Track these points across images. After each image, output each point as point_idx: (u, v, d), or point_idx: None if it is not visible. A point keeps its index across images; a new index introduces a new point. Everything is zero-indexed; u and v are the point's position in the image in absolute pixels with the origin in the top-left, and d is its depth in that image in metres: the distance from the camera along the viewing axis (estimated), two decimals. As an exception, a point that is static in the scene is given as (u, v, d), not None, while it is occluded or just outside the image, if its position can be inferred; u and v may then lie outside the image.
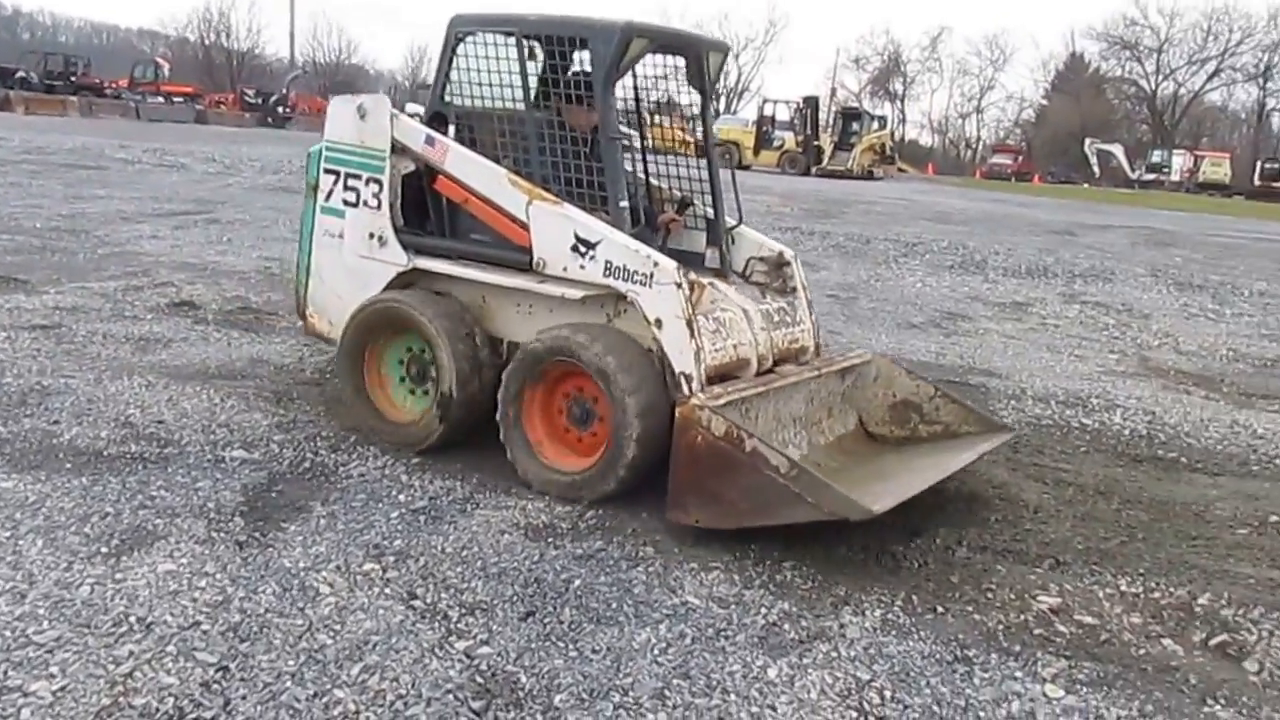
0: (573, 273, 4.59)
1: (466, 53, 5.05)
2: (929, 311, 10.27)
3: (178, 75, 54.56)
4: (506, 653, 3.16)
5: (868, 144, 40.21)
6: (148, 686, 2.85)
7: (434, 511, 4.22)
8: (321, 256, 5.42)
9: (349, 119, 5.18)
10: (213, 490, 4.28)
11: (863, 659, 3.30)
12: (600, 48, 4.71)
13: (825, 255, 14.10)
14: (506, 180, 4.76)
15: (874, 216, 20.50)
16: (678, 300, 4.36)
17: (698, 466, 4.06)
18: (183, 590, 3.40)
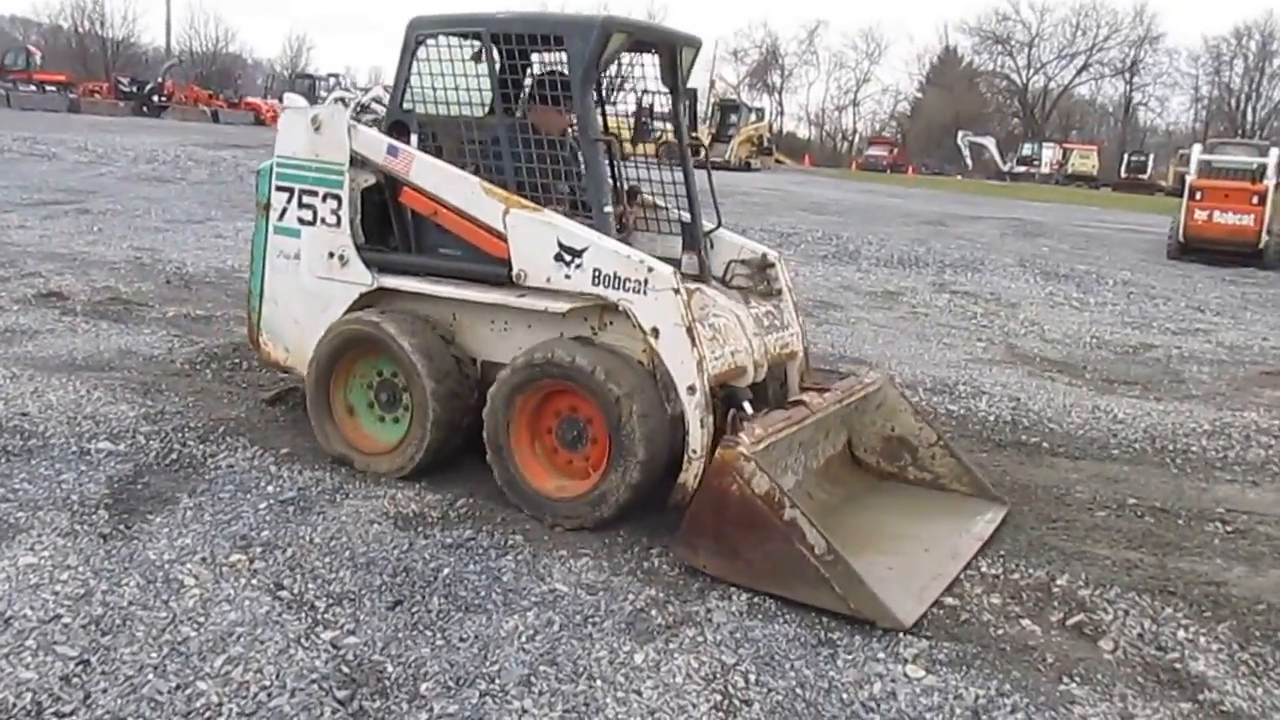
0: (557, 283, 4.31)
1: (428, 56, 4.82)
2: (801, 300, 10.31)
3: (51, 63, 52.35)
4: (373, 642, 3.20)
5: (745, 136, 40.72)
6: (4, 681, 2.82)
7: (303, 502, 4.21)
8: (276, 280, 5.03)
9: (302, 132, 4.84)
10: (77, 483, 4.22)
11: (728, 643, 3.38)
12: (578, 45, 4.47)
13: (705, 245, 14.27)
14: (480, 189, 4.50)
15: (750, 207, 20.79)
16: (676, 307, 4.11)
17: (724, 516, 3.82)
18: (44, 584, 3.36)
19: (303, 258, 4.90)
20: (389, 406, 4.75)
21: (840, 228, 17.61)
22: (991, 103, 74.32)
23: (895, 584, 3.87)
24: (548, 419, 4.40)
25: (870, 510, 4.71)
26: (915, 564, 4.14)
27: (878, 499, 4.85)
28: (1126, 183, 51.96)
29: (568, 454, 4.37)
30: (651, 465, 4.11)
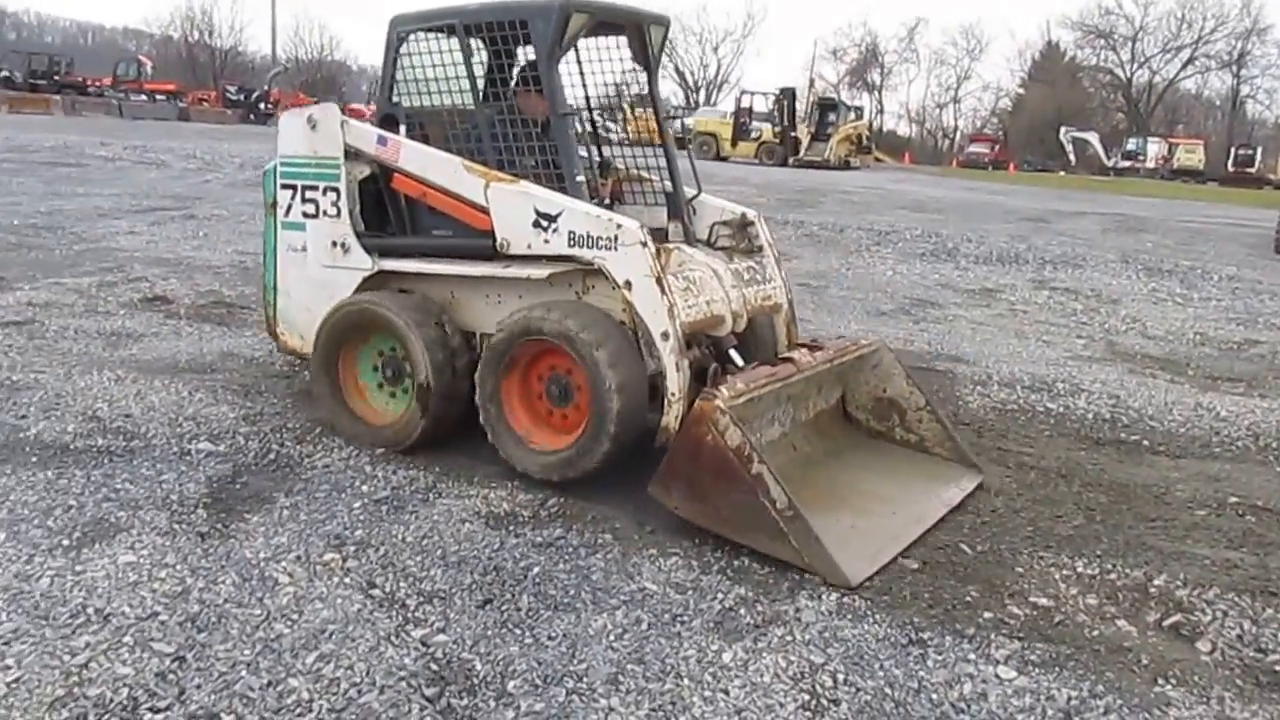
0: (536, 248, 4.58)
1: (410, 51, 5.13)
2: (899, 299, 10.33)
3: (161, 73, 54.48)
4: (462, 640, 3.20)
5: (844, 134, 40.29)
6: (103, 677, 2.88)
7: (396, 501, 4.25)
8: (287, 272, 5.38)
9: (300, 132, 5.17)
10: (177, 482, 4.31)
11: (817, 642, 3.33)
12: (541, 26, 4.74)
13: (798, 244, 14.15)
14: (462, 167, 4.77)
15: (849, 206, 20.57)
16: (645, 259, 4.36)
17: (697, 463, 4.02)
18: (142, 581, 3.44)
19: (309, 249, 5.22)
20: (394, 381, 5.00)
21: (939, 225, 17.30)
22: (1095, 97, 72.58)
23: (853, 543, 4.07)
24: (536, 379, 4.66)
25: (851, 467, 4.91)
26: (879, 524, 4.32)
27: (861, 456, 5.05)
28: (1234, 177, 50.23)
29: (556, 410, 4.62)
30: (628, 416, 4.31)
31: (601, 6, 5.05)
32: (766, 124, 40.97)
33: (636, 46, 5.29)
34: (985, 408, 6.35)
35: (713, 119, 45.37)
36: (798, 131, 40.44)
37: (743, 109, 42.06)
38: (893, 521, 4.37)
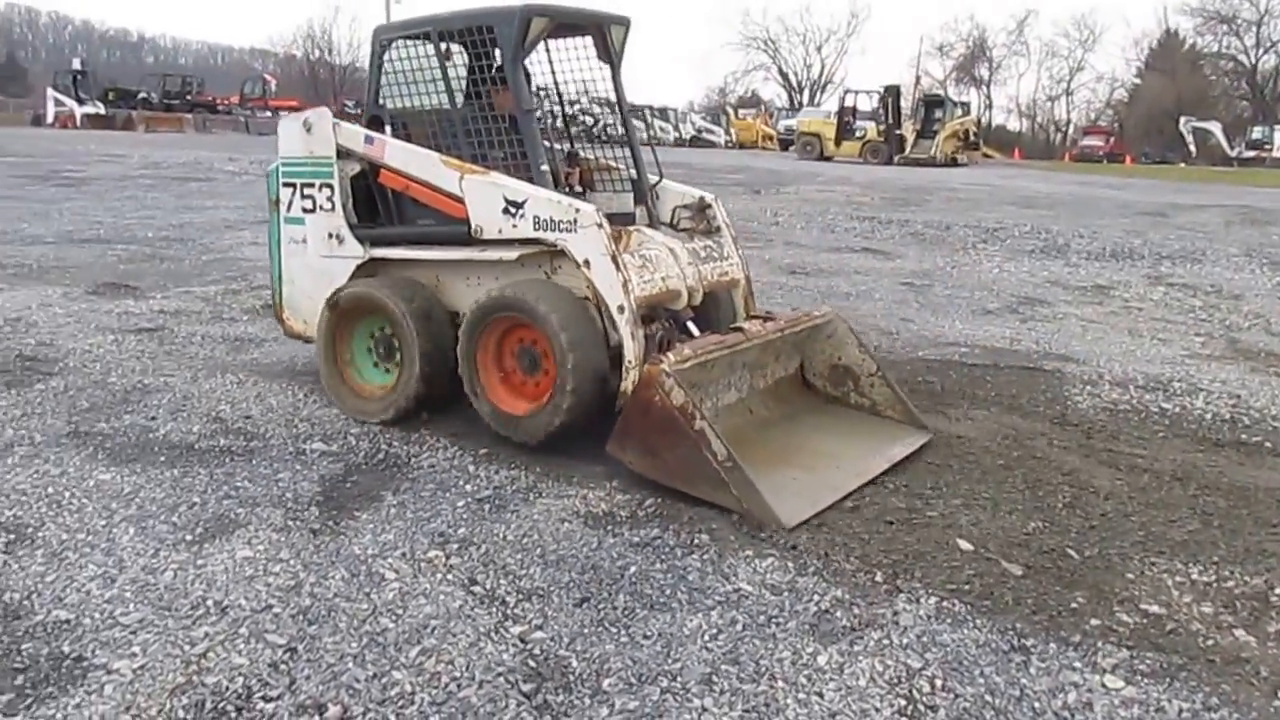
0: (506, 233, 5.03)
1: (392, 58, 5.59)
2: (1005, 297, 10.15)
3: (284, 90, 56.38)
4: (560, 637, 3.28)
5: (951, 131, 39.57)
6: (220, 666, 3.03)
7: (498, 500, 4.36)
8: (290, 263, 5.86)
9: (297, 134, 5.65)
10: (292, 481, 4.49)
11: (914, 647, 3.32)
12: (505, 30, 5.16)
13: (902, 243, 14.00)
14: (439, 161, 5.23)
15: (955, 203, 20.26)
16: (600, 239, 4.80)
17: (647, 421, 4.45)
18: (258, 575, 3.60)
19: (308, 241, 5.72)
20: (387, 358, 5.51)
21: (1049, 221, 16.93)
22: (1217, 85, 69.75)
23: (791, 492, 4.47)
24: (509, 352, 5.10)
25: (805, 428, 5.31)
26: (821, 477, 4.70)
27: (815, 419, 5.44)
28: (1368, 165, 47.92)
29: (529, 379, 5.06)
30: (586, 379, 4.74)
31: (561, 10, 5.43)
32: (871, 123, 40.50)
33: (600, 46, 5.69)
34: (1095, 408, 6.21)
35: (816, 119, 45.11)
36: (903, 129, 39.87)
37: (846, 108, 41.65)
38: (835, 475, 4.74)
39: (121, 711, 2.80)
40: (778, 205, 18.41)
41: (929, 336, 8.05)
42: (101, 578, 3.54)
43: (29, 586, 3.47)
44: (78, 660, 3.04)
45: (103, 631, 3.20)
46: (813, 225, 15.60)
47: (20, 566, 3.61)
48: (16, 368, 6.02)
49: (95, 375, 5.95)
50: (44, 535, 3.86)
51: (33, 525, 3.94)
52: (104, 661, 3.03)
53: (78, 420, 5.16)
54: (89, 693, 2.88)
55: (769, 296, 9.45)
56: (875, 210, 17.82)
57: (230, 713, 2.82)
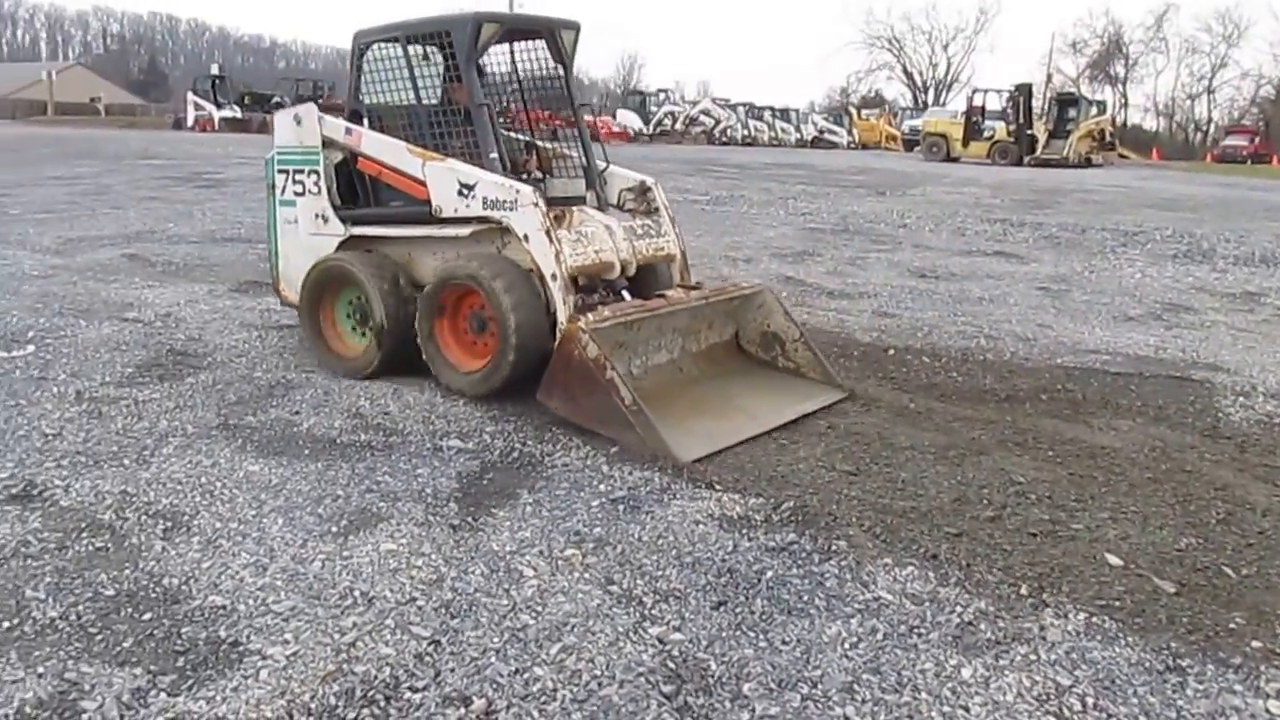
0: (461, 211, 5.73)
1: (369, 59, 6.30)
2: (1148, 303, 9.80)
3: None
4: (698, 640, 3.27)
5: (1085, 130, 38.46)
6: (368, 656, 3.10)
7: (632, 501, 4.37)
8: (285, 241, 6.64)
9: (289, 127, 6.42)
10: (431, 477, 4.58)
11: (1064, 663, 3.22)
12: (459, 35, 5.78)
13: (1036, 247, 13.64)
14: (405, 150, 5.96)
15: (1090, 205, 19.67)
16: (537, 217, 5.48)
17: (568, 372, 5.16)
18: (401, 568, 3.67)
19: (299, 221, 6.49)
20: (363, 323, 6.21)
21: (1193, 225, 16.33)
22: (1374, 81, 66.43)
23: (696, 435, 5.14)
24: (462, 317, 5.82)
25: (730, 386, 5.96)
26: (729, 424, 5.36)
27: (744, 380, 6.09)
28: None
29: (478, 339, 5.77)
30: (526, 338, 5.40)
31: (511, 17, 6.30)
32: (1000, 122, 39.57)
33: (552, 48, 6.32)
34: (1249, 420, 5.95)
35: (942, 119, 44.30)
36: (1034, 129, 38.87)
37: (975, 108, 40.75)
38: (743, 423, 5.39)
39: (276, 696, 2.88)
40: (904, 207, 18.13)
41: (1068, 343, 7.82)
42: (254, 566, 3.66)
43: (186, 572, 3.60)
44: (234, 645, 3.15)
45: (256, 618, 3.30)
46: (941, 228, 15.31)
47: (178, 553, 3.75)
48: (168, 362, 6.27)
49: (241, 370, 6.16)
50: (199, 523, 4.01)
51: (188, 513, 4.09)
52: (259, 647, 3.13)
53: (226, 413, 5.35)
54: (245, 677, 2.98)
55: (897, 300, 9.31)
56: (1006, 212, 17.41)
57: (380, 701, 2.88)
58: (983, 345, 7.62)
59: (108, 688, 2.91)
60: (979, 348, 7.53)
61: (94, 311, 7.41)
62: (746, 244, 12.77)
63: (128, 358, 6.32)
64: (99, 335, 6.75)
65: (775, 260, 11.55)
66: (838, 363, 6.78)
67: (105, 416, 5.21)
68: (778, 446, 5.09)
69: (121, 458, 4.67)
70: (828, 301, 9.16)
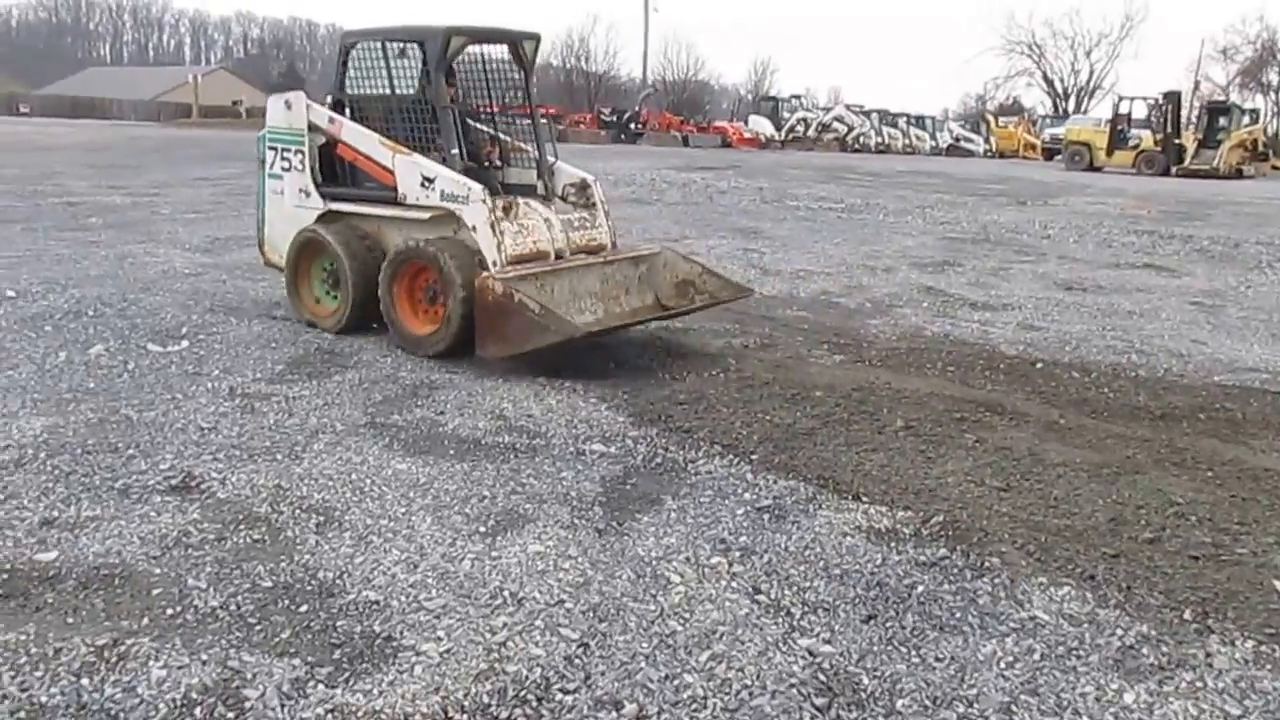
0: (422, 200, 6.64)
1: (355, 57, 7.20)
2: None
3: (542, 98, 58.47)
4: (848, 653, 3.21)
5: (1237, 140, 36.84)
6: (519, 656, 3.13)
7: (778, 510, 4.32)
8: (271, 209, 7.54)
9: (280, 110, 7.29)
10: (575, 480, 4.61)
11: (1232, 692, 3.08)
12: (431, 45, 6.73)
13: (1187, 260, 13.11)
14: (378, 142, 6.83)
15: (1244, 218, 18.85)
16: (484, 211, 6.39)
17: (488, 316, 6.07)
18: (549, 570, 3.70)
19: (285, 193, 7.35)
20: (335, 286, 7.15)
21: (1357, 239, 15.51)
22: None
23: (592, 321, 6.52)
24: (418, 287, 6.71)
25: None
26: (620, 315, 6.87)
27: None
28: None
29: (430, 308, 6.66)
30: (469, 309, 6.20)
31: (476, 30, 7.02)
32: (1146, 131, 38.22)
33: (515, 56, 7.29)
34: None
35: (1085, 127, 42.92)
36: (1182, 138, 37.43)
37: (1120, 115, 39.42)
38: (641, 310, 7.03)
39: (431, 692, 2.93)
40: (1047, 217, 17.63)
41: (1224, 360, 7.49)
42: (405, 563, 3.73)
43: (340, 567, 3.69)
44: (388, 640, 3.21)
45: (409, 614, 3.36)
46: (1086, 239, 14.84)
47: (331, 548, 3.84)
48: (316, 359, 6.44)
49: (386, 369, 6.30)
50: (350, 519, 4.10)
51: (340, 509, 4.20)
52: (412, 643, 3.18)
53: (373, 411, 5.47)
54: (400, 672, 3.03)
55: (1043, 313, 9.06)
56: (1153, 224, 16.80)
57: (531, 702, 2.90)
58: (1134, 361, 7.35)
59: (268, 677, 2.99)
60: (1130, 363, 7.26)
61: (243, 309, 7.67)
62: (885, 253, 12.57)
63: (277, 355, 6.53)
64: (249, 332, 6.98)
65: (915, 270, 11.34)
66: (982, 375, 6.63)
67: (257, 412, 5.39)
68: (924, 459, 4.98)
69: (274, 452, 4.81)
70: (970, 313, 8.95)
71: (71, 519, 3.98)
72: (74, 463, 4.55)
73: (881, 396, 5.88)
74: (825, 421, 5.44)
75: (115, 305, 7.30)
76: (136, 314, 7.18)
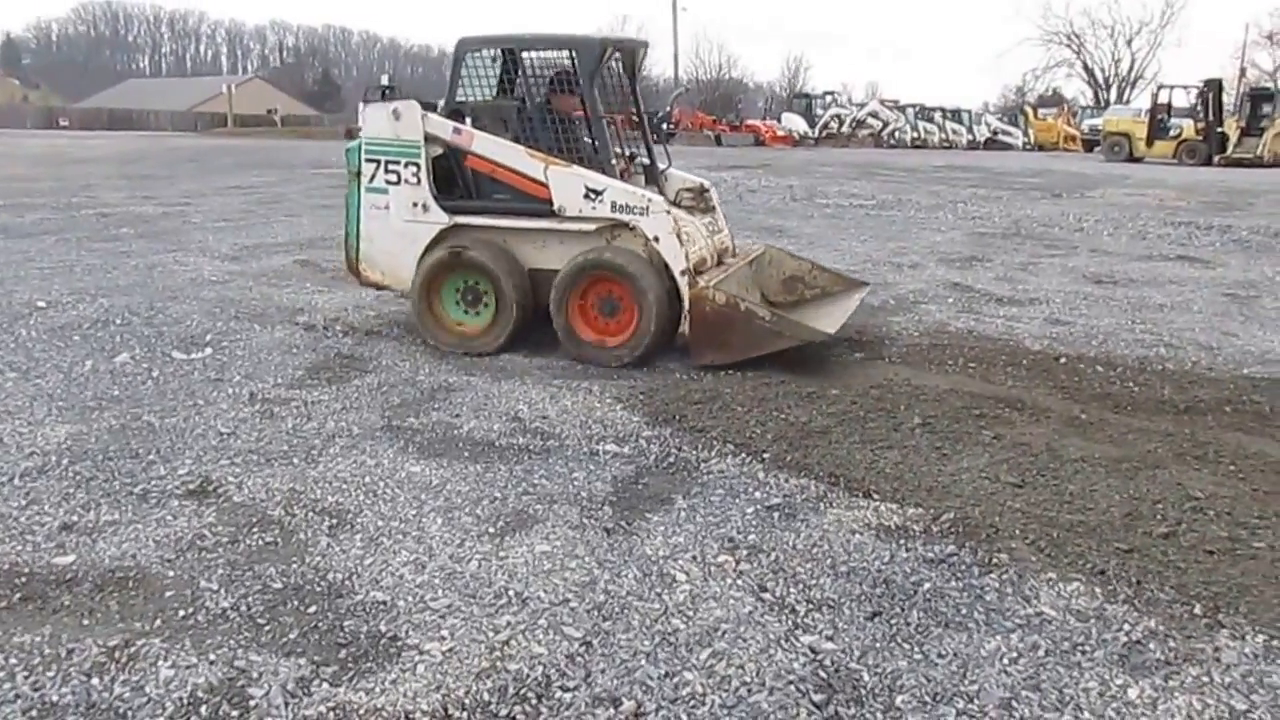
0: (585, 212, 6.53)
1: (472, 64, 6.96)
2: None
3: (571, 97, 58.73)
4: (850, 650, 3.22)
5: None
6: (521, 654, 3.16)
7: (788, 509, 4.32)
8: (370, 225, 7.05)
9: (385, 120, 6.84)
10: (586, 480, 4.63)
11: (1239, 687, 3.05)
12: (585, 55, 6.63)
13: (1224, 250, 12.94)
14: (525, 153, 6.62)
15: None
16: (669, 222, 6.45)
17: (708, 326, 6.26)
18: (555, 570, 3.73)
19: (391, 208, 6.93)
20: (472, 304, 6.90)
21: (1404, 227, 15.23)
22: None
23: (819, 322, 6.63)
24: (591, 298, 6.63)
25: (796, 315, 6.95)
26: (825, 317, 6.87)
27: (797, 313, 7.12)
28: None
29: (607, 320, 6.62)
30: (659, 318, 6.35)
31: (619, 40, 7.19)
32: (1187, 120, 37.67)
33: (628, 63, 7.34)
34: None
35: (1124, 118, 42.49)
36: (1224, 127, 36.87)
37: (1159, 105, 38.90)
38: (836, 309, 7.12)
39: (432, 690, 2.96)
40: (1082, 210, 17.46)
41: (1255, 353, 7.39)
42: (413, 564, 3.77)
43: (349, 568, 3.73)
44: (393, 639, 3.25)
45: (415, 614, 3.40)
46: (1121, 231, 14.68)
47: (342, 549, 3.89)
48: (336, 365, 6.51)
49: (405, 373, 6.35)
50: (362, 521, 4.15)
51: (352, 511, 4.25)
52: (416, 642, 3.22)
53: (390, 415, 5.52)
54: (403, 670, 3.07)
55: (1070, 307, 8.97)
56: (1192, 215, 16.58)
57: (531, 699, 2.93)
58: (1162, 354, 7.27)
59: (274, 676, 3.04)
60: (1158, 356, 7.18)
61: (267, 316, 7.76)
62: (913, 249, 12.51)
63: (298, 360, 6.60)
64: (272, 339, 7.06)
65: (942, 265, 11.28)
66: (1004, 371, 6.58)
67: (276, 417, 5.46)
68: (939, 456, 4.96)
69: (291, 457, 4.88)
70: (996, 308, 8.89)
71: (90, 524, 4.07)
72: (95, 469, 4.64)
73: (900, 394, 5.85)
74: (841, 419, 5.43)
75: (142, 314, 7.41)
76: (163, 322, 7.28)
